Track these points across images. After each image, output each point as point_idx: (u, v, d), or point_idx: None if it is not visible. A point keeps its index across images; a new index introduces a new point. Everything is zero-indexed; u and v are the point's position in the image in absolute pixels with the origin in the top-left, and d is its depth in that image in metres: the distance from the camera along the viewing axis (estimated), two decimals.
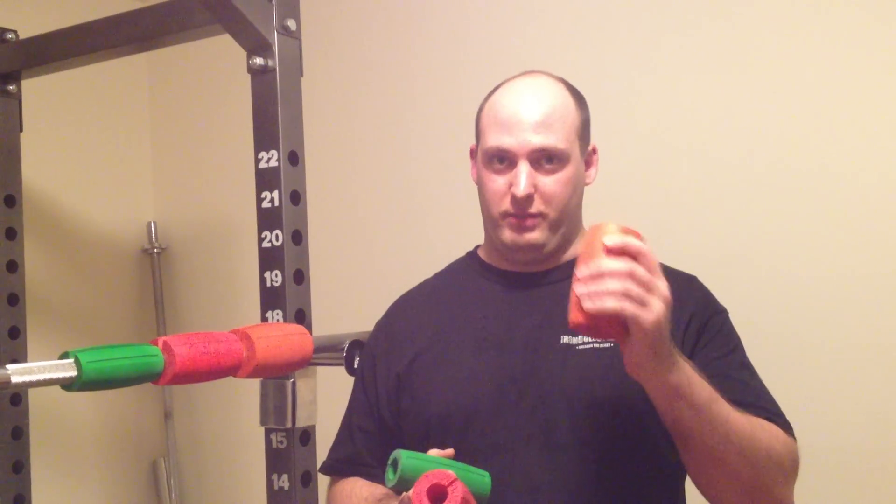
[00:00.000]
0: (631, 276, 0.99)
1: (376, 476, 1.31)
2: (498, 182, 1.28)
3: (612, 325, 1.02)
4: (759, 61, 1.61)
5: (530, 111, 1.26)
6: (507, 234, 1.28)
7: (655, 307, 1.00)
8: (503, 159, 1.27)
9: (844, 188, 1.54)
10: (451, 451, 1.14)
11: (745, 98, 1.62)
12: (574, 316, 1.03)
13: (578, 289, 1.01)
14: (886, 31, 1.50)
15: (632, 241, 1.02)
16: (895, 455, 1.49)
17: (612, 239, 1.02)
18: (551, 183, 1.26)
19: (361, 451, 1.36)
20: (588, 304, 1.00)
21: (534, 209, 1.26)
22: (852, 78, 1.53)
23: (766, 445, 1.15)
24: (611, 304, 0.99)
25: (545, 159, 1.25)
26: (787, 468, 1.19)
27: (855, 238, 1.53)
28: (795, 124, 1.58)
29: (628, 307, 0.99)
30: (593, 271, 1.00)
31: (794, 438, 1.22)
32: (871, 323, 1.51)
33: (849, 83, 1.54)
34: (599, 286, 1.00)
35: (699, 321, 1.26)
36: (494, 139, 1.27)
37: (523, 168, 1.25)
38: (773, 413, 1.22)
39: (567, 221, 1.30)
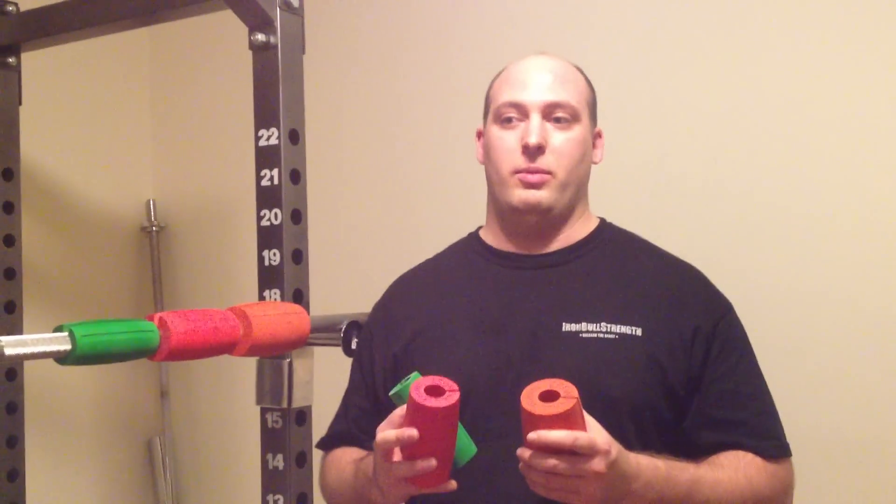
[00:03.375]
0: (552, 474, 1.03)
1: (368, 448, 1.31)
2: (508, 138, 1.27)
3: None
4: (763, 59, 1.60)
5: (543, 72, 1.29)
6: (517, 193, 1.26)
7: (588, 492, 1.04)
8: (515, 115, 1.27)
9: (845, 187, 1.53)
10: None
11: (750, 94, 1.61)
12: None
13: (521, 456, 1.06)
14: (888, 32, 1.49)
15: (549, 437, 1.02)
16: (893, 454, 1.49)
17: (533, 437, 1.03)
18: (563, 140, 1.26)
19: (354, 427, 1.36)
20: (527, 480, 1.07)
21: (544, 165, 1.25)
22: (854, 78, 1.52)
23: (755, 492, 1.18)
24: (541, 491, 1.06)
25: (558, 116, 1.26)
26: (780, 500, 1.23)
27: (855, 237, 1.52)
28: (797, 123, 1.57)
29: (558, 496, 1.06)
30: (523, 455, 1.05)
31: (790, 456, 1.24)
32: (870, 322, 1.51)
33: (850, 83, 1.52)
34: (529, 473, 1.06)
35: (706, 332, 1.24)
36: (507, 95, 1.28)
37: (536, 119, 1.25)
38: (772, 436, 1.24)
39: (574, 187, 1.28)
